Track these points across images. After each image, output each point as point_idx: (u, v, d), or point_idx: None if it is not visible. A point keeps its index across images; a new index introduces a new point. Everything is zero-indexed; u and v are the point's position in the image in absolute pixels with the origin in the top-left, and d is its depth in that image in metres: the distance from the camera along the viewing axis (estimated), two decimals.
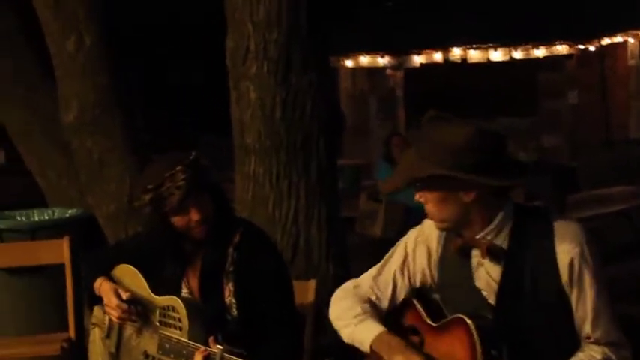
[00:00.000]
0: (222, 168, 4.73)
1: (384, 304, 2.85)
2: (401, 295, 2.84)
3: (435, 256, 2.79)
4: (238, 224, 3.17)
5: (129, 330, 3.14)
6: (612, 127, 13.82)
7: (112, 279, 3.15)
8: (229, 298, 3.04)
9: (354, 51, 14.32)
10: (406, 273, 2.84)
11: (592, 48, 13.80)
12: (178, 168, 2.92)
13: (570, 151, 13.64)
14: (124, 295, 3.02)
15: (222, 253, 3.06)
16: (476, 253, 2.67)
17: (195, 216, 2.94)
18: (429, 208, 2.66)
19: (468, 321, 2.55)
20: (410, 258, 2.84)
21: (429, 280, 2.81)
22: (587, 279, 2.57)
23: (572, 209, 8.10)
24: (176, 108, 14.21)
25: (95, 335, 3.25)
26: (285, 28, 4.23)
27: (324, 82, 4.44)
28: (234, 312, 3.03)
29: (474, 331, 2.53)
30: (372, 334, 2.73)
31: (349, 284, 2.95)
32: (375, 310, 2.82)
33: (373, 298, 2.85)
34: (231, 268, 3.04)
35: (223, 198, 3.12)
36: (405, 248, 2.86)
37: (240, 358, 2.70)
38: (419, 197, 2.65)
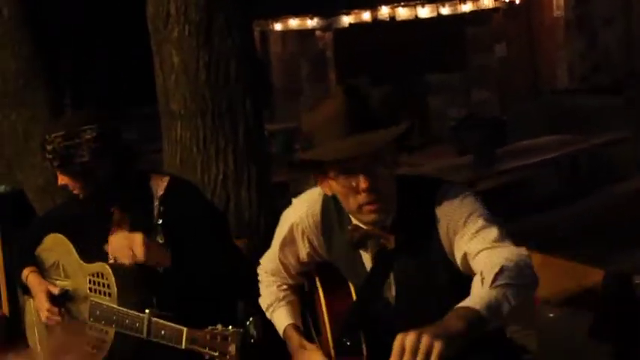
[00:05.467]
0: (156, 138, 4.72)
1: (290, 281, 2.82)
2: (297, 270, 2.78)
3: (321, 247, 2.65)
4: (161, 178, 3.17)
5: None
6: (541, 78, 13.98)
7: (37, 262, 3.17)
8: None
9: (282, 14, 14.25)
10: (289, 255, 2.75)
11: (518, 0, 13.90)
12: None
13: (500, 105, 13.79)
14: (55, 291, 3.03)
15: (146, 209, 3.06)
16: (373, 244, 2.44)
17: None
18: (382, 189, 2.32)
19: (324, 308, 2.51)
20: (287, 248, 2.74)
21: (317, 258, 2.70)
22: (465, 226, 2.33)
23: (501, 160, 8.23)
24: (106, 82, 13.98)
25: (31, 306, 3.26)
26: None
27: (247, 44, 4.42)
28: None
29: (326, 318, 2.50)
30: (281, 327, 2.76)
31: (260, 270, 2.90)
32: (285, 292, 2.80)
33: (279, 282, 2.83)
34: (159, 222, 3.03)
35: (124, 159, 3.10)
36: (283, 238, 2.74)
37: (169, 321, 2.71)
38: (364, 182, 2.28)
